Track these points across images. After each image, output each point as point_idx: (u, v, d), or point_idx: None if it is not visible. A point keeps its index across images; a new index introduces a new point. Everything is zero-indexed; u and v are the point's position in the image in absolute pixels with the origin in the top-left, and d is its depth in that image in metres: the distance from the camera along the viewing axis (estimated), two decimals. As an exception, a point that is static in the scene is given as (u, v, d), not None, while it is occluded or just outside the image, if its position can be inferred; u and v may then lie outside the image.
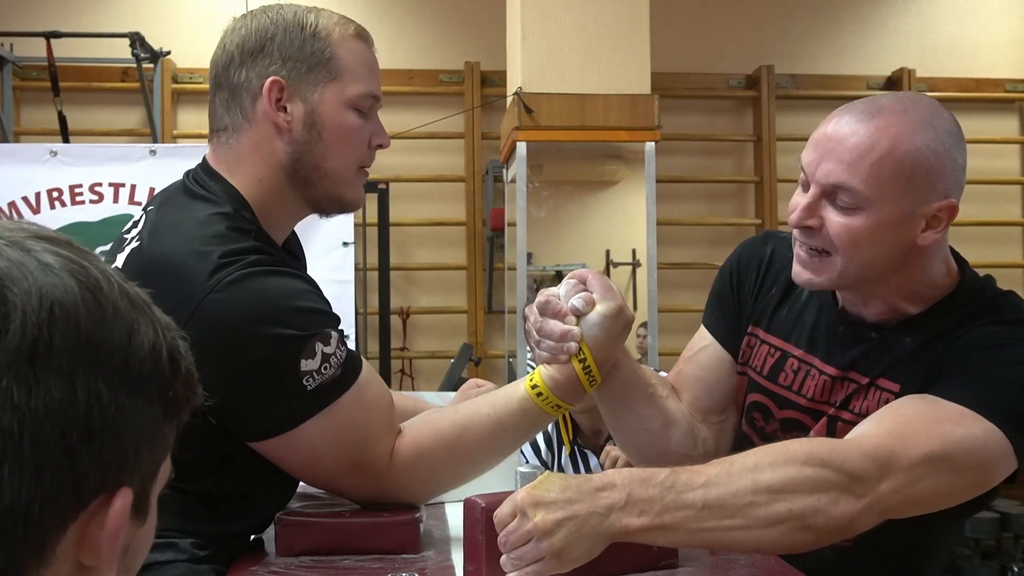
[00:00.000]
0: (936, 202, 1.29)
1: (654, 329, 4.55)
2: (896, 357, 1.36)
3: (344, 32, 1.39)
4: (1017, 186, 6.87)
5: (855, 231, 1.28)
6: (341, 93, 1.37)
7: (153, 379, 0.61)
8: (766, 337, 1.49)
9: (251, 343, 1.21)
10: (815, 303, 1.46)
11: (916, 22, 6.80)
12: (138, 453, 0.60)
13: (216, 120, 1.40)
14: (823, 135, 1.31)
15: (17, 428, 0.54)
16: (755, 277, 1.52)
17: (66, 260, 0.59)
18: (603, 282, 1.37)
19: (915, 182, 1.27)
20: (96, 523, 0.58)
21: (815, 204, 1.31)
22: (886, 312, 1.39)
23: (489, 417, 1.36)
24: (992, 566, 5.28)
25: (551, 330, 1.34)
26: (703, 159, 6.66)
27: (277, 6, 1.40)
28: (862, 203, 1.27)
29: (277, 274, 1.27)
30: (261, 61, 1.35)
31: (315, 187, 1.39)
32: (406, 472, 1.33)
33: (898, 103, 1.31)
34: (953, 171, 1.30)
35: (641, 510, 1.05)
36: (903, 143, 1.26)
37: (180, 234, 1.27)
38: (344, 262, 3.92)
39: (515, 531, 1.03)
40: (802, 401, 1.43)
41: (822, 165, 1.29)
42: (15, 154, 4.03)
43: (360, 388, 1.30)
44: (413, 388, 6.16)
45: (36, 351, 0.55)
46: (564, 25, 4.27)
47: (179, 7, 6.23)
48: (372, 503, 1.35)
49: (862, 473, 1.13)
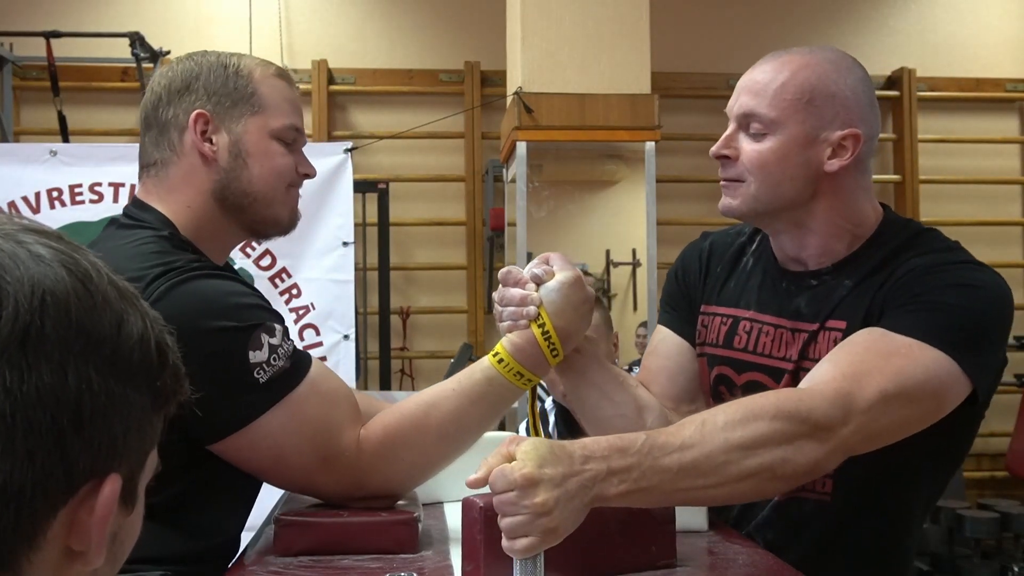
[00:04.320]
0: (839, 130, 1.39)
1: (653, 329, 4.55)
2: (839, 296, 1.42)
3: (265, 72, 1.47)
4: (1017, 186, 6.87)
5: (763, 153, 1.40)
6: (264, 125, 1.45)
7: (142, 368, 0.63)
8: (717, 310, 1.58)
9: (197, 340, 1.20)
10: (759, 268, 1.55)
11: (916, 22, 6.80)
12: (127, 440, 0.62)
13: (146, 157, 1.48)
14: (741, 81, 1.46)
15: (9, 412, 0.56)
16: (698, 266, 1.63)
17: (57, 252, 0.61)
18: (563, 257, 1.43)
19: (814, 105, 1.39)
20: (86, 508, 0.60)
21: (732, 135, 1.45)
22: (820, 254, 1.46)
23: (454, 391, 1.38)
24: (992, 566, 5.29)
25: (511, 296, 1.39)
26: (703, 159, 6.59)
27: (201, 52, 1.49)
28: (768, 127, 1.40)
29: (215, 276, 1.32)
30: (187, 98, 1.44)
31: (247, 211, 1.46)
32: (378, 458, 1.34)
33: (807, 48, 1.46)
34: (856, 103, 1.41)
35: (620, 479, 1.09)
36: (803, 72, 1.40)
37: (120, 256, 1.30)
38: (344, 262, 3.91)
39: (513, 504, 1.03)
40: (760, 359, 1.49)
41: (737, 100, 1.44)
42: (15, 154, 4.02)
43: (314, 380, 1.33)
44: (413, 388, 6.16)
45: (28, 337, 0.57)
46: (564, 25, 4.27)
47: (179, 7, 6.24)
48: (352, 498, 1.35)
49: (825, 421, 1.19)
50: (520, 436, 1.11)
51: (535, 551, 1.04)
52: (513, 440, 1.08)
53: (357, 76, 6.37)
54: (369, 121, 6.35)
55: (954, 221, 6.22)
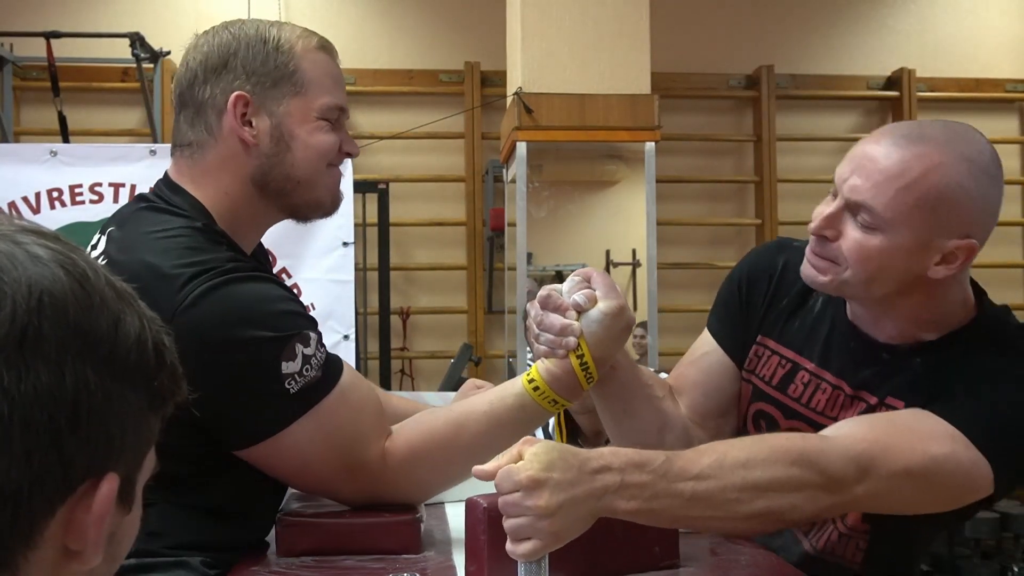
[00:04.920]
0: (955, 239, 1.28)
1: (654, 329, 4.56)
2: (905, 378, 1.36)
3: (307, 45, 1.38)
4: (1017, 186, 6.87)
5: (867, 249, 1.29)
6: (307, 105, 1.36)
7: (139, 368, 0.63)
8: (777, 348, 1.49)
9: (230, 348, 1.20)
10: (828, 316, 1.46)
11: (916, 22, 6.80)
12: (124, 440, 0.62)
13: (180, 136, 1.38)
14: (860, 151, 1.31)
15: (7, 412, 0.56)
16: (766, 288, 1.52)
17: (55, 252, 0.61)
18: (607, 281, 1.37)
19: (936, 214, 1.27)
20: (83, 507, 0.60)
21: (837, 216, 1.32)
22: (898, 336, 1.39)
23: (485, 414, 1.35)
24: (992, 566, 5.29)
25: (551, 324, 1.34)
26: (703, 159, 6.66)
27: (239, 21, 1.39)
28: (880, 224, 1.27)
29: (252, 280, 1.26)
30: (225, 77, 1.34)
31: (290, 196, 1.39)
32: (401, 473, 1.32)
33: (943, 133, 1.30)
34: (979, 213, 1.30)
35: (632, 495, 1.08)
36: (933, 174, 1.26)
37: (152, 247, 1.25)
38: (344, 262, 3.91)
39: (516, 505, 1.03)
40: (811, 414, 1.43)
41: (850, 180, 1.30)
42: (15, 154, 4.02)
43: (344, 390, 1.29)
44: (413, 388, 6.16)
45: (26, 337, 0.57)
46: (564, 25, 4.28)
47: (179, 7, 6.24)
48: (369, 506, 1.35)
49: (842, 476, 1.18)
50: (533, 438, 1.10)
51: (538, 555, 1.04)
52: (526, 441, 1.08)
53: (357, 76, 6.36)
54: (369, 121, 6.35)
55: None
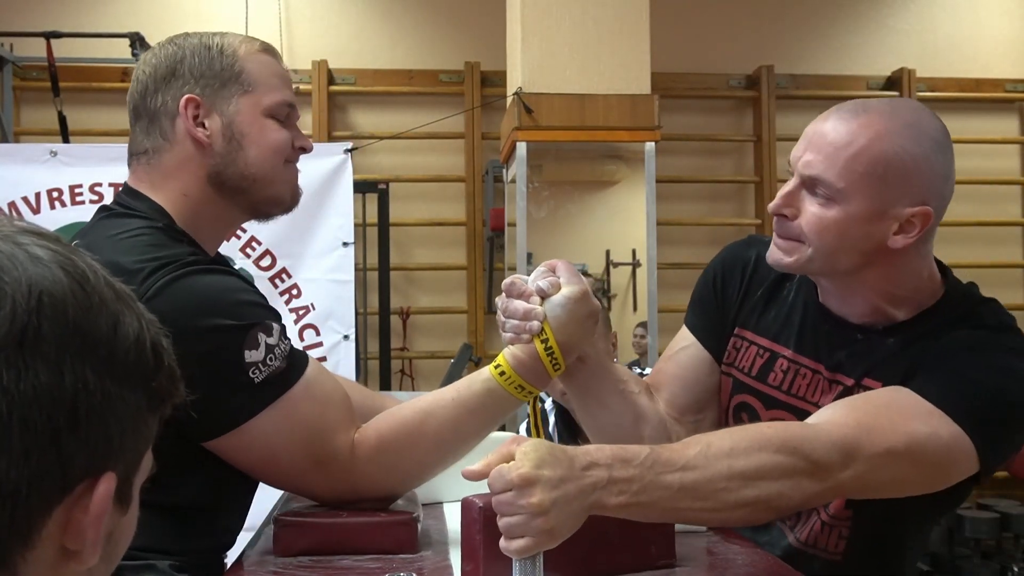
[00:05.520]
0: (910, 206, 1.31)
1: (654, 329, 4.56)
2: (879, 357, 1.39)
3: (250, 48, 1.43)
4: (1017, 186, 6.88)
5: (825, 221, 1.33)
6: (256, 103, 1.41)
7: (137, 369, 0.63)
8: (754, 338, 1.52)
9: (193, 337, 1.20)
10: (800, 302, 1.49)
11: (916, 22, 6.81)
12: (122, 440, 0.62)
13: (136, 145, 1.44)
14: (811, 130, 1.36)
15: (6, 411, 0.56)
16: (739, 281, 1.56)
17: (54, 253, 0.61)
18: (570, 268, 1.40)
19: (887, 181, 1.30)
20: (81, 507, 0.60)
21: (795, 193, 1.37)
22: (869, 314, 1.41)
23: (453, 400, 1.36)
24: (992, 566, 5.29)
25: (515, 309, 1.36)
26: (703, 159, 6.66)
27: (183, 34, 1.45)
28: (835, 195, 1.32)
29: (212, 272, 1.29)
30: (175, 84, 1.40)
31: (247, 193, 1.42)
32: (371, 463, 1.33)
33: (886, 105, 1.35)
34: (931, 178, 1.32)
35: (620, 490, 1.08)
36: (880, 142, 1.30)
37: (116, 247, 1.28)
38: (344, 262, 3.91)
39: (510, 504, 1.04)
40: (793, 400, 1.46)
41: (804, 157, 1.34)
42: (15, 154, 4.02)
43: (309, 382, 1.31)
44: (413, 388, 6.16)
45: (25, 337, 0.57)
46: (564, 25, 4.28)
47: (179, 7, 6.25)
48: (345, 501, 1.35)
49: (827, 462, 1.19)
50: (522, 436, 1.11)
51: (531, 552, 1.04)
52: (515, 440, 1.08)
53: (357, 76, 6.37)
54: (369, 121, 6.36)
55: (954, 221, 6.21)
